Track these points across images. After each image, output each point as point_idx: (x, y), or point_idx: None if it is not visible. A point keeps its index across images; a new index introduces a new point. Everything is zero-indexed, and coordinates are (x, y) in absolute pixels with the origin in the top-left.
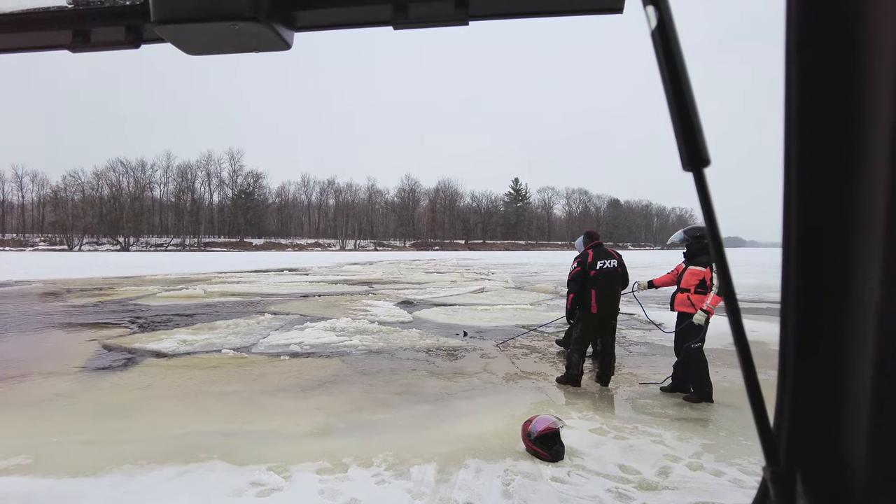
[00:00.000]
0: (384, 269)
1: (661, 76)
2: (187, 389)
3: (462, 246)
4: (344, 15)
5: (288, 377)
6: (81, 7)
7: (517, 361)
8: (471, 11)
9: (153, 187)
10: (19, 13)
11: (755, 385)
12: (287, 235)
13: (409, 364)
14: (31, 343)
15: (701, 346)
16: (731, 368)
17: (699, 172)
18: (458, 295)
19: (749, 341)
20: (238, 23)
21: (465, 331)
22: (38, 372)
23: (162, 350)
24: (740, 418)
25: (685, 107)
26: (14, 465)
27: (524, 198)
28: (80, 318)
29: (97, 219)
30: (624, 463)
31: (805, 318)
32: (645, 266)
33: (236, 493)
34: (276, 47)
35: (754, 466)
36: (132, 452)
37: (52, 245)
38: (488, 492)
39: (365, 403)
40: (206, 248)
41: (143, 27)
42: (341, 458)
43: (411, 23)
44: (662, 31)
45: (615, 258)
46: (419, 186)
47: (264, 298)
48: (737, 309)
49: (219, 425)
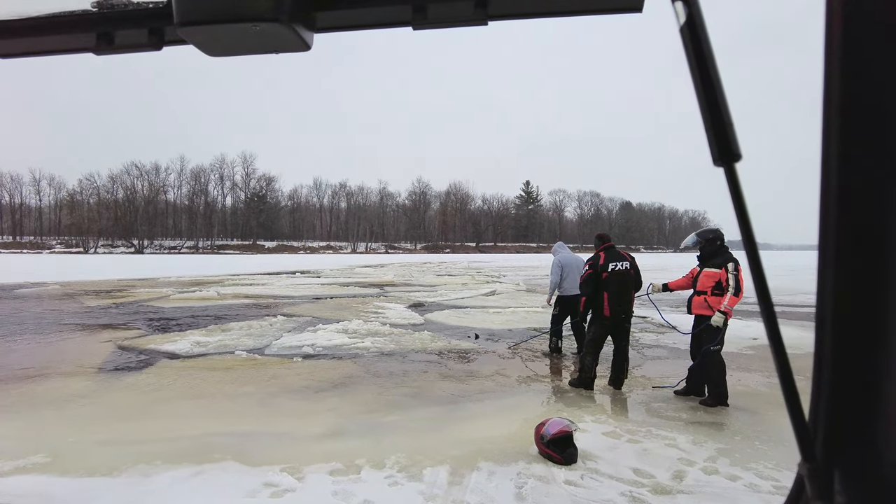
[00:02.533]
0: (395, 272)
1: (690, 71)
2: (201, 390)
3: (473, 249)
4: (364, 16)
5: (300, 379)
6: (106, 10)
7: (529, 364)
8: (490, 12)
9: (167, 190)
10: (45, 17)
11: (790, 381)
12: (299, 238)
13: (421, 366)
14: (49, 344)
15: (720, 350)
16: (747, 372)
17: (730, 167)
18: (469, 297)
19: (783, 339)
20: (260, 24)
21: (477, 333)
22: (56, 372)
23: (176, 351)
24: (756, 422)
25: (715, 102)
26: (32, 463)
27: (535, 200)
28: (96, 319)
29: (112, 222)
30: (638, 466)
31: (842, 317)
32: (657, 269)
33: (250, 494)
34: (296, 48)
35: (771, 471)
36: (147, 452)
37: (68, 247)
38: (501, 494)
39: (377, 405)
40: (219, 251)
41: (165, 29)
42: (354, 460)
43: (430, 23)
44: (692, 26)
45: (627, 260)
46: (430, 189)
47: (277, 300)
48: (770, 305)
49: (232, 426)
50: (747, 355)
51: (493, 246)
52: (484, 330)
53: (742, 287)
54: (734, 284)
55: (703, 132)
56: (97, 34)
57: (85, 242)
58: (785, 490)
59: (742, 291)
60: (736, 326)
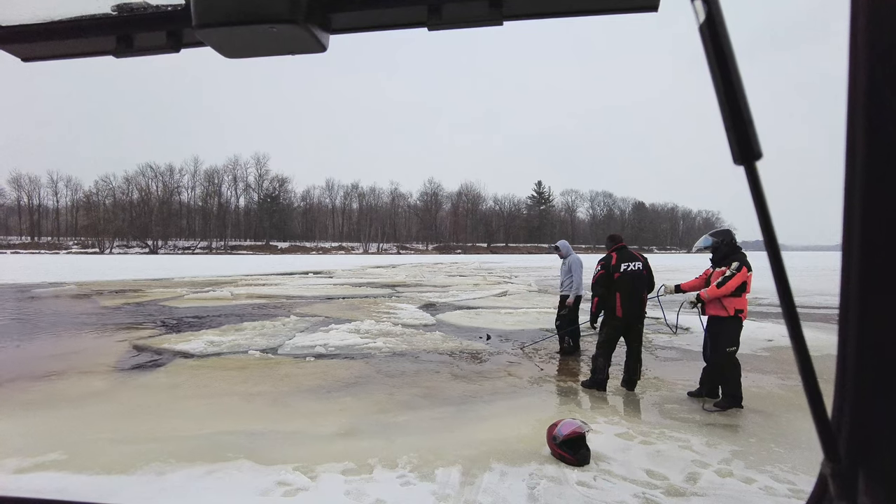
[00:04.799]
0: (407, 272)
1: (709, 70)
2: (215, 390)
3: (484, 249)
4: (379, 17)
5: (313, 378)
6: (125, 13)
7: (541, 365)
8: (505, 12)
9: (181, 191)
10: (67, 21)
11: (813, 379)
12: (311, 239)
13: (433, 367)
14: (67, 343)
15: (735, 351)
16: (762, 374)
17: (751, 166)
18: (480, 298)
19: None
20: (277, 25)
21: (489, 334)
22: (74, 371)
23: (190, 351)
24: (771, 425)
25: (735, 100)
26: (51, 460)
27: (547, 201)
28: (111, 318)
29: (127, 222)
30: (651, 468)
31: (867, 315)
32: (670, 270)
33: (263, 493)
34: (312, 49)
35: (787, 474)
36: (162, 451)
37: (84, 248)
38: (514, 495)
39: (389, 405)
40: (233, 251)
41: (182, 32)
42: (366, 460)
43: (445, 24)
44: (711, 24)
45: (640, 260)
46: (442, 190)
47: (289, 301)
48: (792, 303)
49: (246, 425)
50: (762, 357)
51: (504, 247)
52: (495, 331)
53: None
54: (722, 280)
55: (720, 131)
56: (117, 37)
57: (101, 243)
58: (801, 494)
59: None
60: (750, 328)
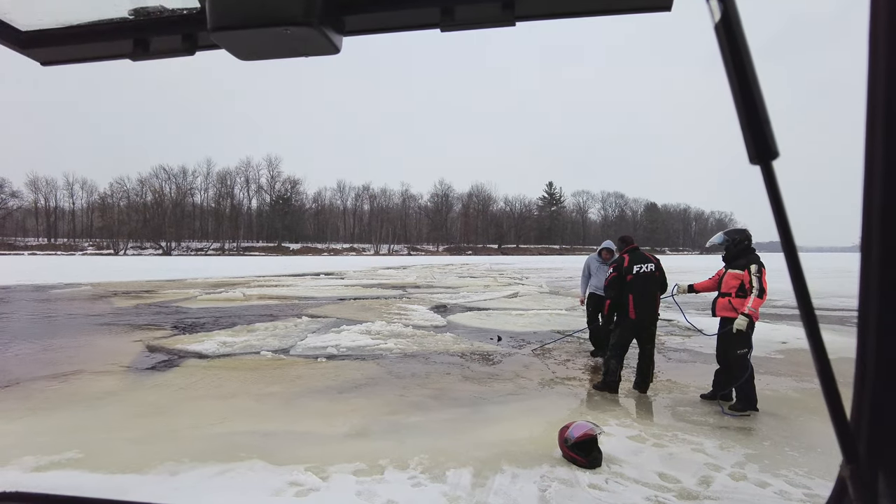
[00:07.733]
0: (418, 274)
1: (725, 69)
2: (227, 390)
3: (495, 250)
4: (392, 19)
5: (325, 379)
6: (141, 17)
7: (553, 367)
8: (517, 12)
9: (194, 193)
10: (84, 25)
11: (831, 381)
12: (323, 240)
13: (444, 368)
14: (82, 343)
15: (748, 353)
16: (775, 376)
17: (767, 166)
18: (491, 299)
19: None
20: (291, 28)
21: (500, 335)
22: (89, 371)
23: (203, 351)
24: (785, 428)
25: (751, 99)
26: (66, 458)
27: (558, 202)
28: (125, 319)
29: (141, 224)
30: (663, 471)
31: (887, 316)
32: (683, 271)
33: (275, 493)
34: (325, 51)
35: (802, 478)
36: (175, 450)
37: (99, 249)
38: (525, 497)
39: (400, 406)
40: (245, 253)
41: (198, 34)
42: (377, 460)
43: (458, 25)
44: (727, 23)
45: (652, 262)
46: (452, 191)
47: (301, 302)
48: (810, 304)
49: (258, 425)
50: (776, 359)
51: (515, 248)
52: (507, 332)
53: (766, 289)
54: (758, 286)
55: (735, 131)
56: (133, 41)
57: (115, 244)
58: (817, 498)
59: (766, 293)
60: (764, 330)
